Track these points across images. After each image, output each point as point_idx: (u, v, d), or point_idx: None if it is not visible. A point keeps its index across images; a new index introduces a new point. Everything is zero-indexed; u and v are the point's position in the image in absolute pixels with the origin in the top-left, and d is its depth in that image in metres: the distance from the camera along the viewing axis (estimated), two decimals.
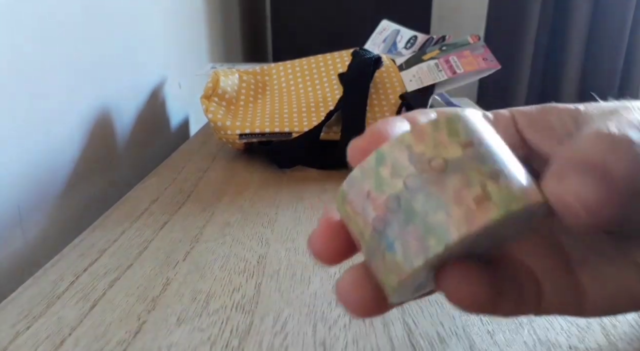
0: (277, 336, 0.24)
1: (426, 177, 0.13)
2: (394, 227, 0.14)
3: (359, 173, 0.15)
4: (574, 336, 0.23)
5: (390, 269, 0.14)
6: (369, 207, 0.14)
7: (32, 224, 0.38)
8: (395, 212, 0.14)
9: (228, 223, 0.37)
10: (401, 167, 0.14)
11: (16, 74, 0.36)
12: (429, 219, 0.13)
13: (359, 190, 0.14)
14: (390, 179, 0.14)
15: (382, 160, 0.14)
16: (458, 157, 0.14)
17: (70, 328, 0.25)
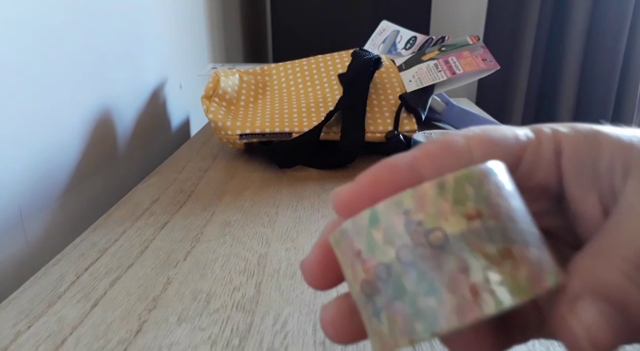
0: (277, 336, 0.24)
1: (421, 251, 0.12)
2: (382, 297, 0.12)
3: (351, 228, 0.13)
4: None
5: (375, 333, 0.13)
6: (358, 266, 0.13)
7: (33, 224, 0.38)
8: (384, 282, 0.12)
9: (228, 223, 0.37)
10: (395, 234, 0.12)
11: (17, 75, 0.36)
12: (419, 302, 0.12)
13: (350, 245, 0.13)
14: (383, 245, 0.12)
15: (376, 222, 0.13)
16: (461, 232, 0.12)
17: (71, 327, 0.25)
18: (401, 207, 0.12)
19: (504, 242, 0.12)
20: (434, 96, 0.65)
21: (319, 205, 0.41)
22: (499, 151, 0.16)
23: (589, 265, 0.13)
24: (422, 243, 0.12)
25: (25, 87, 0.37)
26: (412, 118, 0.54)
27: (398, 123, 0.53)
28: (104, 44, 0.50)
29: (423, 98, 0.56)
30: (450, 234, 0.12)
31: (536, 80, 1.54)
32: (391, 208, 0.13)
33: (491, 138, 0.16)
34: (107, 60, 0.50)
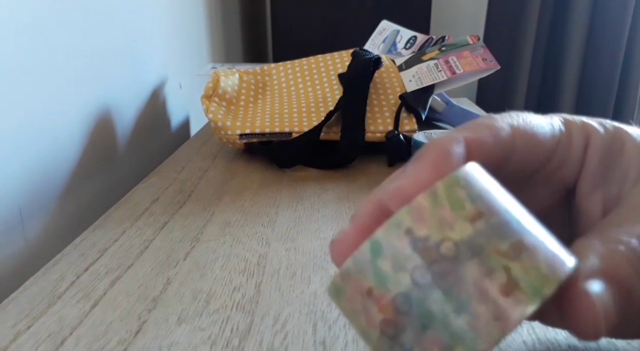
0: (277, 336, 0.24)
1: (437, 268, 0.11)
2: (409, 333, 0.11)
3: (353, 266, 0.12)
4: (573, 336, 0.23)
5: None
6: (372, 308, 0.12)
7: (33, 224, 0.38)
8: (407, 314, 0.11)
9: (228, 223, 0.37)
10: (404, 258, 0.11)
11: (16, 75, 0.36)
12: (452, 324, 0.11)
13: (357, 287, 0.12)
14: (394, 274, 0.11)
15: (379, 251, 0.12)
16: (469, 235, 0.11)
17: (71, 328, 0.25)
18: (402, 228, 0.12)
19: (513, 236, 0.11)
20: (434, 96, 0.65)
21: (319, 205, 0.41)
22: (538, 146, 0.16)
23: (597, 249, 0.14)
24: (435, 259, 0.11)
25: (24, 86, 0.37)
26: (412, 118, 0.54)
27: (398, 123, 0.53)
28: (104, 44, 0.50)
29: (423, 98, 0.56)
30: (460, 241, 0.11)
31: (536, 80, 1.54)
32: (392, 232, 0.12)
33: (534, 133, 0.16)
34: (106, 60, 0.50)
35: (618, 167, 0.16)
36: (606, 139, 0.17)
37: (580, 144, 0.17)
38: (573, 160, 0.17)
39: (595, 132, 0.17)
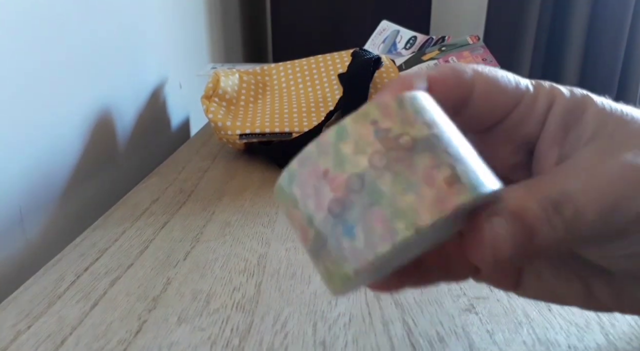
0: (277, 336, 0.24)
1: (394, 154, 0.12)
2: (356, 209, 0.12)
3: (315, 149, 0.13)
4: (573, 336, 0.23)
5: (345, 257, 0.13)
6: (325, 188, 0.13)
7: (33, 224, 0.38)
8: (357, 192, 0.12)
9: (228, 223, 0.37)
10: (366, 143, 0.13)
11: (16, 75, 0.36)
12: (397, 201, 0.12)
13: (313, 169, 0.13)
14: (353, 156, 0.13)
15: (344, 135, 0.13)
16: (426, 135, 0.13)
17: (71, 328, 0.25)
18: (368, 118, 0.13)
19: (460, 147, 0.13)
20: None
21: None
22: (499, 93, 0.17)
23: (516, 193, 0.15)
24: (393, 147, 0.13)
25: (24, 86, 0.37)
26: None
27: None
28: (104, 44, 0.50)
29: None
30: (418, 138, 0.13)
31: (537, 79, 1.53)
32: (359, 121, 0.13)
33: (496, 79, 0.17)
34: (106, 60, 0.50)
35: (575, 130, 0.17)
36: (570, 103, 0.18)
37: (544, 103, 0.18)
38: (535, 117, 0.18)
39: (560, 95, 0.18)
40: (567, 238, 0.15)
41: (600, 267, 0.19)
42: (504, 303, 0.26)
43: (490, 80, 0.17)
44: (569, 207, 0.15)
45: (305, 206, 0.13)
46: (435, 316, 0.25)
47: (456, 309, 0.26)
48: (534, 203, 0.15)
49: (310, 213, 0.13)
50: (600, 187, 0.15)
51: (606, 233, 0.16)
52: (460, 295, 0.27)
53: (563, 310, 0.26)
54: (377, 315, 0.25)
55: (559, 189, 0.15)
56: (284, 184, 0.14)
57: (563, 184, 0.15)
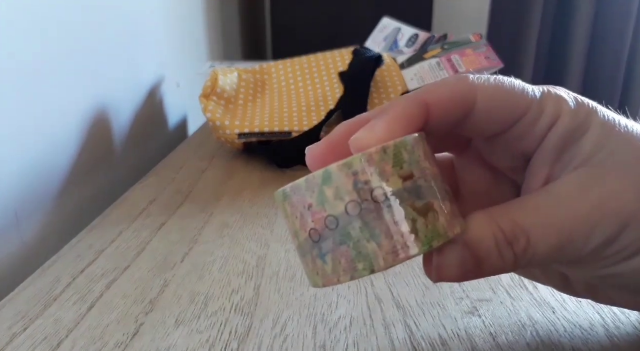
0: (277, 339, 0.24)
1: (365, 205, 0.15)
2: (329, 243, 0.15)
3: (304, 185, 0.15)
4: (577, 338, 0.23)
5: (317, 272, 0.16)
6: (308, 217, 0.15)
7: (28, 225, 0.38)
8: (332, 230, 0.15)
9: (227, 224, 0.37)
10: (345, 192, 0.15)
11: (12, 74, 0.36)
12: (361, 246, 0.15)
13: (301, 199, 0.15)
14: (333, 200, 0.15)
15: (329, 180, 0.15)
16: (398, 189, 0.15)
17: (67, 330, 0.24)
18: (351, 169, 0.15)
19: (428, 198, 0.15)
20: None
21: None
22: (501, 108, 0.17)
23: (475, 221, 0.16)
24: (366, 199, 0.15)
25: (19, 85, 0.37)
26: None
27: None
28: (99, 42, 0.49)
29: None
30: (389, 191, 0.15)
31: (539, 78, 1.53)
32: (343, 170, 0.15)
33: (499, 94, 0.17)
34: (102, 58, 0.50)
35: (570, 151, 0.17)
36: (572, 123, 0.17)
37: (546, 122, 0.18)
38: (535, 134, 0.18)
39: (565, 112, 0.18)
40: (517, 267, 0.16)
41: None
42: (507, 306, 0.26)
43: (492, 96, 0.17)
44: (521, 241, 0.16)
45: (293, 223, 0.16)
46: (437, 318, 0.25)
47: (459, 311, 0.25)
48: (488, 233, 0.16)
49: (296, 229, 0.16)
50: (559, 224, 0.16)
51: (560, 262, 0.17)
52: (463, 297, 0.27)
53: (567, 313, 0.25)
54: (378, 318, 0.25)
55: (517, 222, 0.16)
56: (278, 198, 0.16)
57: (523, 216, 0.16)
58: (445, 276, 0.16)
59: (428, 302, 0.26)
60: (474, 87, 0.17)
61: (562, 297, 0.27)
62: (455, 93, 0.17)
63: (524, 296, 0.27)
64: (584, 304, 0.26)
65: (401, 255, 0.15)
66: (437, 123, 0.17)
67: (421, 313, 0.25)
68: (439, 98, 0.17)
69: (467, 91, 0.17)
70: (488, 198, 0.21)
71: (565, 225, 0.16)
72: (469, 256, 0.16)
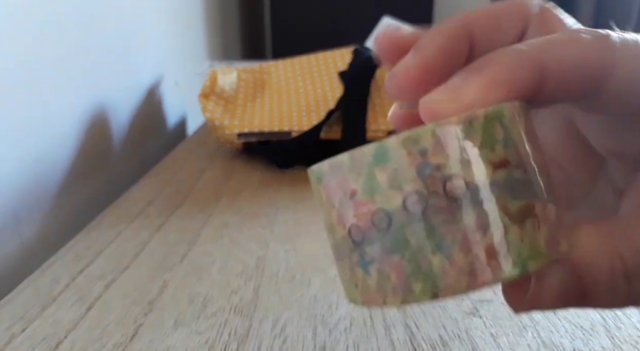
0: (277, 340, 0.23)
1: (434, 202, 0.10)
2: (375, 248, 0.11)
3: (348, 163, 0.11)
4: (578, 339, 0.23)
5: (356, 284, 0.11)
6: (349, 208, 0.11)
7: (27, 225, 0.37)
8: (381, 231, 0.11)
9: (226, 225, 0.37)
10: (405, 179, 0.10)
11: (10, 74, 0.36)
12: (422, 259, 0.10)
13: (342, 182, 0.11)
14: (388, 189, 0.11)
15: (384, 159, 0.11)
16: (484, 181, 0.10)
17: (66, 331, 0.24)
18: (417, 146, 0.10)
19: (527, 198, 0.11)
20: None
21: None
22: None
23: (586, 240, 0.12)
24: (436, 192, 0.10)
25: (18, 86, 0.36)
26: None
27: None
28: (98, 42, 0.49)
29: None
30: (472, 183, 0.10)
31: None
32: (406, 146, 0.10)
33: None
34: (101, 58, 0.50)
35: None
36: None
37: None
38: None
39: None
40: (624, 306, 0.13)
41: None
42: (508, 306, 0.26)
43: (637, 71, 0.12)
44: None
45: (329, 213, 0.12)
46: (438, 319, 0.25)
47: (459, 312, 0.25)
48: (605, 260, 0.12)
49: (332, 223, 0.12)
50: None
51: None
52: (464, 298, 0.27)
53: (568, 313, 0.25)
54: (378, 319, 0.25)
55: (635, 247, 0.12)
56: (314, 177, 0.12)
57: None
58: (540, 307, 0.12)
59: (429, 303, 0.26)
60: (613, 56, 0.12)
61: None
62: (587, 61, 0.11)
63: None
64: None
65: (481, 277, 0.10)
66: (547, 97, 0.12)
67: (422, 314, 0.25)
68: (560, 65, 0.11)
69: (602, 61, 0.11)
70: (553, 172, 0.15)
71: None
72: (574, 285, 0.12)
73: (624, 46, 0.12)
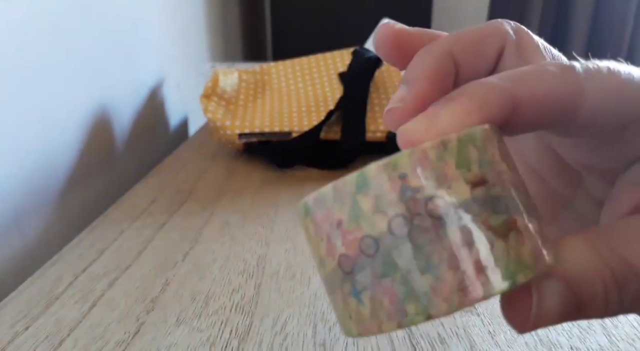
0: (277, 337, 0.24)
1: (418, 223, 0.10)
2: (366, 275, 0.11)
3: (332, 194, 0.11)
4: (575, 337, 0.23)
5: (350, 316, 0.11)
6: (337, 240, 0.11)
7: (31, 224, 0.38)
8: (370, 257, 0.11)
9: (227, 224, 0.37)
10: (388, 203, 0.11)
11: (13, 74, 0.36)
12: (412, 281, 0.10)
13: (327, 214, 0.11)
14: (372, 215, 0.11)
15: (365, 186, 0.11)
16: (464, 200, 0.11)
17: (69, 329, 0.25)
18: (396, 171, 0.11)
19: (508, 212, 0.11)
20: None
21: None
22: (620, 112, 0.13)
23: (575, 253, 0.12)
24: (419, 213, 0.10)
25: (21, 86, 0.37)
26: None
27: None
28: (101, 43, 0.50)
29: None
30: (452, 203, 0.10)
31: None
32: (384, 172, 0.11)
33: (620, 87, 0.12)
34: (104, 59, 0.50)
35: None
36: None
37: None
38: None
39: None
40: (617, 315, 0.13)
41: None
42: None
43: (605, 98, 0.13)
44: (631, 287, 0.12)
45: (318, 246, 0.12)
46: None
47: None
48: (596, 272, 0.12)
49: (322, 256, 0.12)
50: None
51: None
52: None
53: None
54: None
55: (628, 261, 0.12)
56: (299, 213, 0.13)
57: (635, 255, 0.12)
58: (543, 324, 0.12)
59: None
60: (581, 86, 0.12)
61: None
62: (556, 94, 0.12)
63: None
64: None
65: (472, 293, 0.10)
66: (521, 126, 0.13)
67: None
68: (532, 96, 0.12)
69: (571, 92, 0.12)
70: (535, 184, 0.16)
71: None
72: (572, 299, 0.12)
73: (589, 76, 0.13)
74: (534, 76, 0.12)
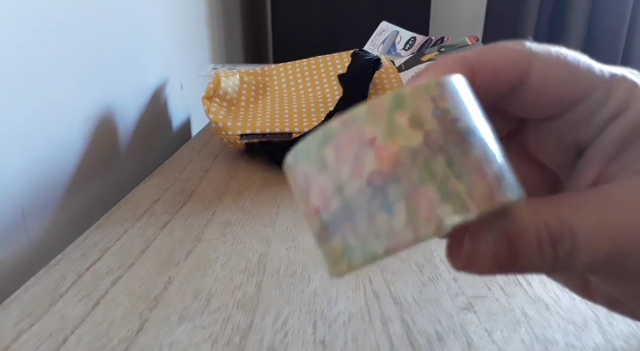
0: (278, 334, 0.24)
1: (449, 138, 0.12)
2: (401, 186, 0.11)
3: (366, 112, 0.12)
4: (571, 334, 0.24)
5: (377, 234, 0.12)
6: (368, 156, 0.12)
7: (35, 223, 0.38)
8: (407, 168, 0.12)
9: (229, 223, 0.38)
10: (423, 119, 0.12)
11: (19, 76, 0.36)
12: (449, 185, 0.11)
13: (357, 134, 0.12)
14: (409, 129, 0.12)
15: (401, 104, 0.12)
16: (475, 126, 0.12)
17: (72, 327, 0.25)
18: (429, 93, 0.12)
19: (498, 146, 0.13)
20: None
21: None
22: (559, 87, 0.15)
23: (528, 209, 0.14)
24: (450, 130, 0.12)
25: (26, 87, 0.37)
26: None
27: None
28: (105, 45, 0.50)
29: None
30: (472, 127, 0.12)
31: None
32: (419, 93, 0.12)
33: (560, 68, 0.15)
34: (108, 60, 0.51)
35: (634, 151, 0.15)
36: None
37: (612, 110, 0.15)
38: (595, 123, 0.15)
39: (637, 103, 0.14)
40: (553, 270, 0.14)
41: None
42: (502, 302, 0.26)
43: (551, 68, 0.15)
44: (566, 243, 0.14)
45: (338, 171, 0.12)
46: (434, 314, 0.25)
47: (455, 308, 0.26)
48: (532, 226, 0.14)
49: (341, 180, 0.12)
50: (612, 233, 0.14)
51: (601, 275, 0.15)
52: (459, 294, 0.27)
53: (561, 309, 0.26)
54: (376, 314, 0.25)
55: (565, 220, 0.14)
56: (313, 145, 0.13)
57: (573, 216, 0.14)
58: (474, 266, 0.14)
59: (425, 299, 0.27)
60: (531, 54, 0.15)
61: (556, 294, 0.27)
62: (507, 59, 0.15)
63: (519, 293, 0.27)
64: (577, 301, 0.26)
65: (498, 197, 0.12)
66: (482, 90, 0.15)
67: (418, 309, 0.26)
68: (486, 62, 0.15)
69: (521, 58, 0.15)
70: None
71: (619, 235, 0.14)
72: (505, 247, 0.14)
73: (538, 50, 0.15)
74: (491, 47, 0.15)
